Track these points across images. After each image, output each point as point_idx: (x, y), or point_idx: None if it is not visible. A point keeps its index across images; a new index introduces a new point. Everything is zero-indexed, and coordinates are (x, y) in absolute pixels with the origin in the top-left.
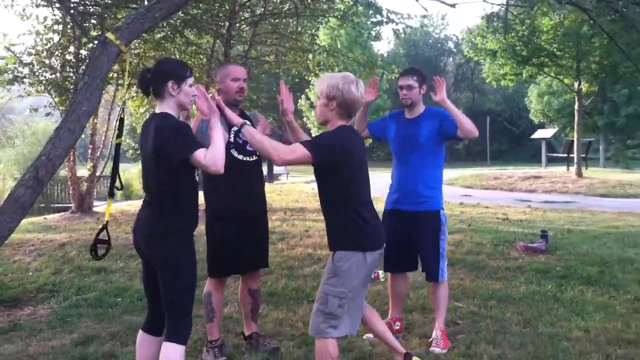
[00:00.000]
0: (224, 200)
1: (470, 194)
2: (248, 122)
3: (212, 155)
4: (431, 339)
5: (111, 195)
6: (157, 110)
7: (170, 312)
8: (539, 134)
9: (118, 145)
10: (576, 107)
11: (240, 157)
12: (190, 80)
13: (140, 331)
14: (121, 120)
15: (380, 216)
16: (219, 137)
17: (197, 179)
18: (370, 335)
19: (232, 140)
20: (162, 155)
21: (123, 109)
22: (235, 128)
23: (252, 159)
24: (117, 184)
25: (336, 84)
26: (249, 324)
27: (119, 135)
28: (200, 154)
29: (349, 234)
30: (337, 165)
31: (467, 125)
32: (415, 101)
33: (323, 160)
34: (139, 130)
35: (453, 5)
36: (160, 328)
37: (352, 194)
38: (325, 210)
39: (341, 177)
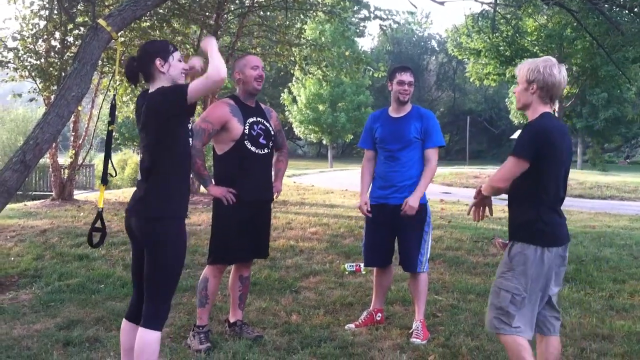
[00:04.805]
0: (235, 190)
1: (450, 191)
2: None
3: (214, 66)
4: (411, 330)
5: (104, 182)
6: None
7: (152, 296)
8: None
9: (110, 133)
10: (556, 108)
11: (252, 149)
12: (177, 54)
13: (124, 319)
14: (112, 107)
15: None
16: (216, 51)
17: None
18: (352, 325)
19: (246, 132)
20: (156, 114)
21: (114, 96)
22: (250, 120)
23: (263, 152)
24: (111, 170)
25: (537, 67)
26: (235, 311)
27: (111, 123)
28: (196, 81)
29: (532, 227)
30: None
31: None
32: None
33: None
34: (120, 119)
35: (442, 3)
36: None
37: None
38: (513, 202)
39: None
